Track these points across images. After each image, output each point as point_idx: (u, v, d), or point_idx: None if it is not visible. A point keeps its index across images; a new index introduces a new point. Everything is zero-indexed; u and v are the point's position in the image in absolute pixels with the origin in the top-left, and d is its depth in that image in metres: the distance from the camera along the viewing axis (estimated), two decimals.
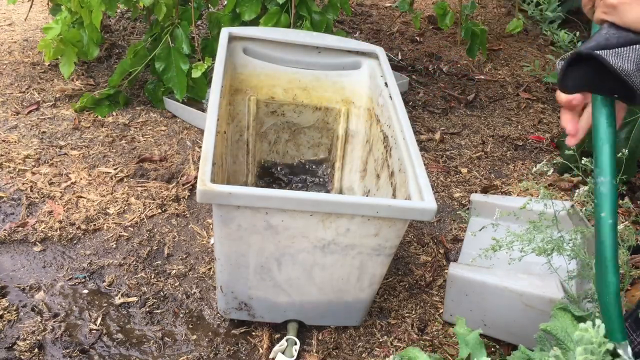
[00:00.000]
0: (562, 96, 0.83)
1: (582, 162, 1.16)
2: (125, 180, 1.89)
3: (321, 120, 1.73)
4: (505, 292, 1.30)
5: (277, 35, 1.64)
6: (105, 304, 1.46)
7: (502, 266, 1.35)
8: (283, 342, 1.35)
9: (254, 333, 1.41)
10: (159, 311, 1.45)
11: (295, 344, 1.35)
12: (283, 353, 1.33)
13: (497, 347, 1.39)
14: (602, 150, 0.79)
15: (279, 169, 1.80)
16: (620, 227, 1.11)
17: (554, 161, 2.09)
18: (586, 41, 0.76)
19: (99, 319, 1.42)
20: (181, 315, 1.45)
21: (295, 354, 1.34)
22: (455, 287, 1.38)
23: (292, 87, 1.68)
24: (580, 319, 0.88)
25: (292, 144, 1.77)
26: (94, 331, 1.39)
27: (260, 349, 1.37)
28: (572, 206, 1.36)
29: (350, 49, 1.66)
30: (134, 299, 1.48)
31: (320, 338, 1.41)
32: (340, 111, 1.70)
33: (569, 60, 0.76)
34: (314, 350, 1.38)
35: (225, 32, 1.61)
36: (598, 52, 0.72)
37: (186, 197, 1.84)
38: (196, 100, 2.24)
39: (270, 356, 1.34)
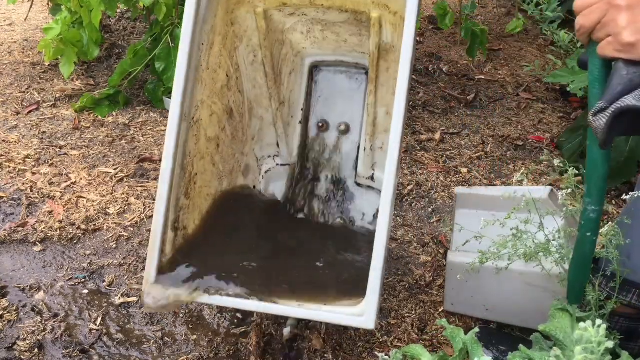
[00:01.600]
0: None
1: (556, 162, 1.18)
2: (125, 180, 1.89)
3: (352, 19, 1.46)
4: (505, 273, 1.30)
5: None
6: (105, 304, 1.46)
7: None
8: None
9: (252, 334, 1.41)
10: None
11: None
12: None
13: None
14: (598, 184, 0.87)
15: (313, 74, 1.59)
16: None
17: (556, 161, 2.09)
18: (608, 86, 0.73)
19: (99, 319, 1.42)
20: (181, 315, 1.45)
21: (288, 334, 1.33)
22: (455, 274, 1.39)
23: None
24: (579, 319, 0.88)
25: (329, 32, 1.52)
26: (94, 331, 1.39)
27: (250, 347, 1.37)
28: (552, 190, 1.38)
29: None
30: (134, 299, 1.48)
31: (320, 338, 1.42)
32: (371, 18, 1.38)
33: (612, 119, 0.73)
34: (314, 351, 1.38)
35: None
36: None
37: None
38: None
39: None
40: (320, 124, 1.62)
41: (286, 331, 1.36)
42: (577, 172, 1.11)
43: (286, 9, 1.45)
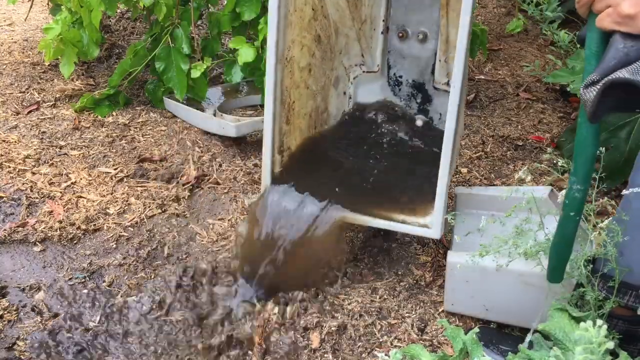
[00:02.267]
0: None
1: (560, 163, 1.18)
2: (125, 180, 1.89)
3: None
4: (505, 273, 1.30)
5: None
6: (105, 304, 1.46)
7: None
8: None
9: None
10: None
11: None
12: None
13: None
14: (585, 164, 0.85)
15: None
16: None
17: (560, 161, 2.09)
18: (603, 59, 0.71)
19: (99, 319, 1.42)
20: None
21: None
22: (455, 274, 1.39)
23: None
24: (578, 319, 0.88)
25: None
26: (93, 331, 1.39)
27: (251, 353, 1.37)
28: (552, 190, 1.38)
29: None
30: (134, 298, 1.48)
31: (320, 338, 1.42)
32: None
33: (602, 91, 0.71)
34: (313, 350, 1.38)
35: None
36: (633, 77, 0.68)
37: (186, 197, 1.84)
38: (196, 100, 2.24)
39: None
40: (400, 33, 1.80)
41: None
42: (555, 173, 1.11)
43: None
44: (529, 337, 1.12)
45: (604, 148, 1.21)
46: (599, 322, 0.72)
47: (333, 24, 1.68)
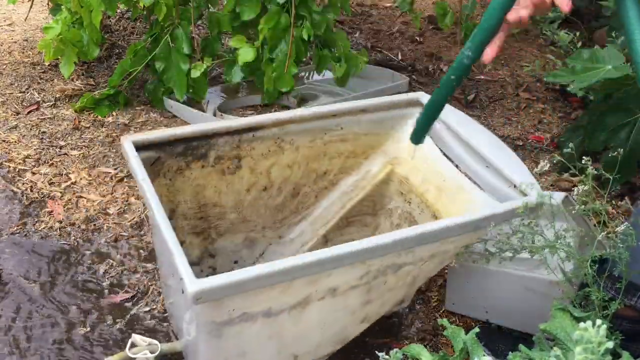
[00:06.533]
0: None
1: (583, 161, 1.16)
2: (125, 180, 1.89)
3: None
4: (506, 276, 1.30)
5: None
6: (105, 304, 1.46)
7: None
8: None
9: None
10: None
11: None
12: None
13: None
14: (484, 33, 0.93)
15: None
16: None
17: (554, 160, 2.09)
18: None
19: (99, 319, 1.42)
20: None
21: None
22: (457, 274, 1.39)
23: None
24: (579, 319, 0.88)
25: None
26: (90, 333, 1.39)
27: None
28: (566, 196, 1.37)
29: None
30: (133, 299, 1.48)
31: None
32: None
33: None
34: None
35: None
36: None
37: None
38: (196, 100, 2.24)
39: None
40: None
41: None
42: (595, 172, 1.09)
43: None
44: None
45: (618, 151, 1.18)
46: (599, 321, 0.72)
47: None
